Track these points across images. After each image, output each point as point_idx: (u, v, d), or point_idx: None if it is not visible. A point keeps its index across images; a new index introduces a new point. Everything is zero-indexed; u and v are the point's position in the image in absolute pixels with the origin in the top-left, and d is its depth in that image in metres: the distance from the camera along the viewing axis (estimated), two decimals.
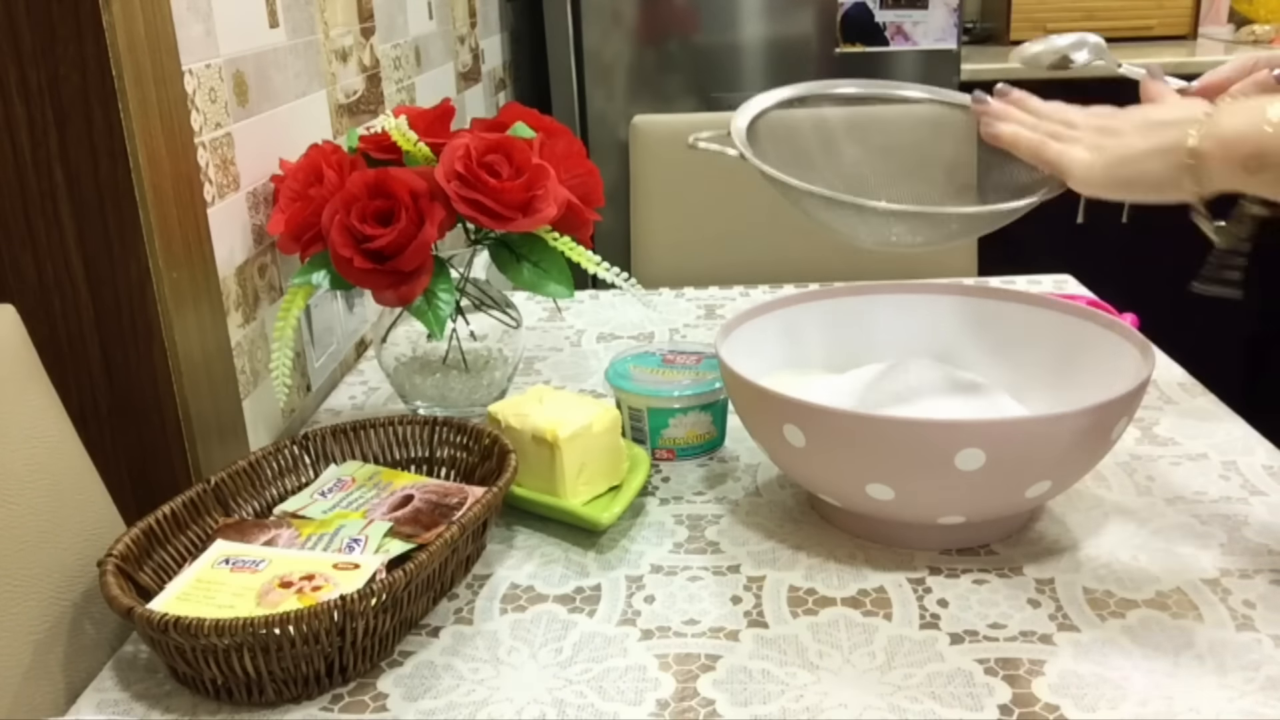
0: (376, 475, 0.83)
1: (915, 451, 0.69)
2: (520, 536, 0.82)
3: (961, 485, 0.70)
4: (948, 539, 0.76)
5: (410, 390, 1.00)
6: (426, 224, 0.85)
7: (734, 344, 0.85)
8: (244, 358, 0.97)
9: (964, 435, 0.67)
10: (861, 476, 0.71)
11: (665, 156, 1.57)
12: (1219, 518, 0.79)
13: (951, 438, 0.67)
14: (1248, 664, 0.63)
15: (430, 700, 0.64)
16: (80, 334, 0.84)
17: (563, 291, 0.91)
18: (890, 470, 0.70)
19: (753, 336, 0.88)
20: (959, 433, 0.67)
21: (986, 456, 0.68)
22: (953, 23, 2.20)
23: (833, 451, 0.72)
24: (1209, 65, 2.76)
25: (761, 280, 1.42)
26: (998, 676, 0.63)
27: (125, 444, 0.87)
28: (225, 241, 0.95)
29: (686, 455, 0.92)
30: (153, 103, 0.82)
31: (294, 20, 1.12)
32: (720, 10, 2.21)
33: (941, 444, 0.68)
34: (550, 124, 0.99)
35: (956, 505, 0.72)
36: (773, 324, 0.91)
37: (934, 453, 0.68)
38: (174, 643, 0.62)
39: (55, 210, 0.81)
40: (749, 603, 0.72)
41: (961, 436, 0.67)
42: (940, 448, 0.68)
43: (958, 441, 0.67)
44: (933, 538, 0.76)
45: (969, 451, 0.67)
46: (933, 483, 0.70)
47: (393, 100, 1.47)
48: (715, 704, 0.62)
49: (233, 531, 0.74)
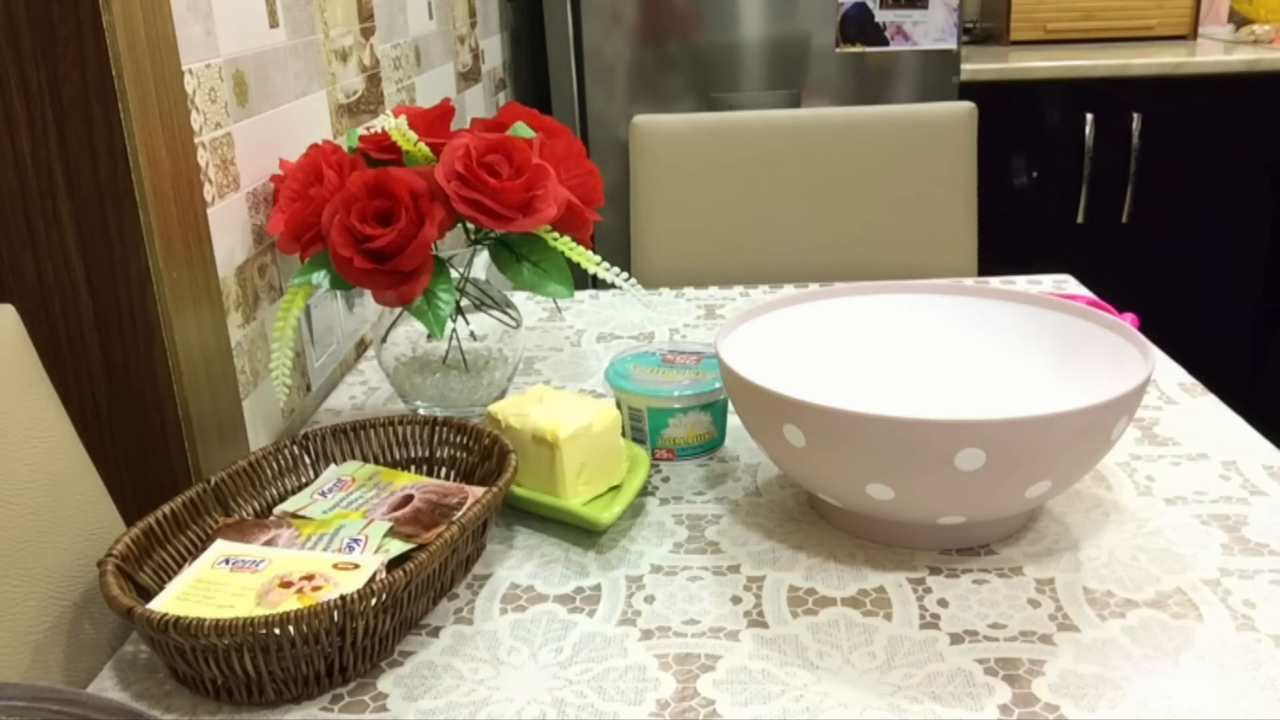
0: (376, 475, 0.83)
1: (915, 451, 0.69)
2: (520, 536, 0.82)
3: (961, 485, 0.70)
4: (948, 539, 0.76)
5: (410, 390, 1.00)
6: (426, 224, 0.85)
7: (734, 344, 0.85)
8: (244, 358, 0.97)
9: (964, 435, 0.67)
10: (861, 476, 0.71)
11: (665, 156, 1.57)
12: (1219, 518, 0.79)
13: (951, 437, 0.67)
14: (1248, 664, 0.63)
15: (430, 700, 0.64)
16: (80, 334, 0.84)
17: (563, 291, 0.91)
18: (890, 470, 0.70)
19: (753, 336, 0.88)
20: (959, 432, 0.67)
21: (986, 456, 0.68)
22: (953, 23, 2.20)
23: (833, 451, 0.72)
24: (1209, 65, 2.75)
25: (761, 280, 1.42)
26: (998, 676, 0.63)
27: (125, 444, 0.87)
28: (225, 241, 0.95)
29: (686, 455, 0.92)
30: (153, 103, 0.82)
31: (294, 20, 1.12)
32: (720, 10, 2.21)
33: (941, 443, 0.68)
34: (550, 124, 0.99)
35: (957, 505, 0.72)
36: (773, 324, 0.91)
37: (934, 452, 0.68)
38: (174, 643, 0.62)
39: (55, 210, 0.81)
40: (749, 603, 0.72)
41: (961, 436, 0.67)
42: (940, 447, 0.68)
43: (958, 441, 0.67)
44: (933, 538, 0.76)
45: (969, 451, 0.67)
46: (933, 482, 0.70)
47: (393, 100, 1.47)
48: (715, 704, 0.62)
49: (233, 531, 0.75)
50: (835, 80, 2.25)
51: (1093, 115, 2.34)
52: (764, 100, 2.24)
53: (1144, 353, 0.77)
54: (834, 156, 1.56)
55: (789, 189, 1.56)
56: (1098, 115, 2.35)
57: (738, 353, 0.84)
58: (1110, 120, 2.36)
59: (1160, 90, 2.35)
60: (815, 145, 1.56)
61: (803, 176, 1.56)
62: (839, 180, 1.56)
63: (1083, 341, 0.85)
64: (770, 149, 1.56)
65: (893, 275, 1.43)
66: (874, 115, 1.56)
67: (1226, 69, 2.35)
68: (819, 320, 0.93)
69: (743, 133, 1.56)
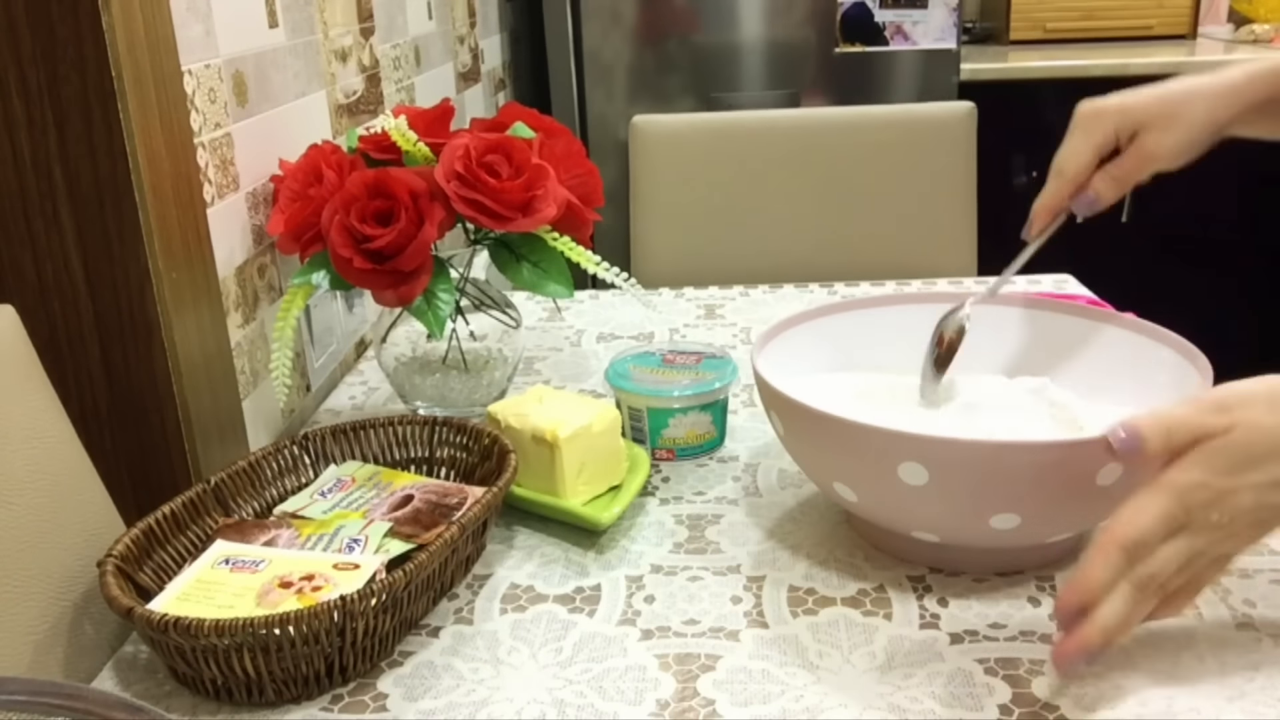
0: (376, 475, 0.83)
1: (860, 457, 0.67)
2: (520, 536, 0.82)
3: (911, 499, 0.67)
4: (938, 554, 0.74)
5: (410, 390, 1.00)
6: (426, 224, 0.85)
7: (773, 349, 0.82)
8: (244, 358, 0.97)
9: (906, 447, 0.65)
10: (829, 474, 0.71)
11: (665, 156, 1.57)
12: None
13: (893, 448, 0.65)
14: (1248, 664, 0.63)
15: (430, 700, 0.64)
16: (80, 334, 0.84)
17: (563, 291, 0.91)
18: (848, 474, 0.69)
19: (785, 343, 0.85)
20: (900, 444, 0.65)
21: (929, 474, 0.65)
22: (952, 23, 2.20)
23: (802, 445, 0.72)
24: (1209, 65, 2.76)
25: (761, 280, 1.42)
26: (998, 676, 0.63)
27: (125, 444, 0.87)
28: (225, 241, 0.95)
29: (686, 455, 0.92)
30: (152, 103, 0.82)
31: (294, 20, 1.12)
32: (720, 10, 2.21)
33: (881, 453, 0.66)
34: (550, 124, 0.99)
35: (919, 521, 0.70)
36: (805, 334, 0.87)
37: (879, 461, 0.66)
38: (174, 643, 0.62)
39: (55, 210, 0.81)
40: (749, 603, 0.72)
41: (903, 448, 0.65)
42: (880, 459, 0.66)
43: (899, 453, 0.65)
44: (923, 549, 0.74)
45: (909, 465, 0.65)
46: (884, 492, 0.68)
47: (392, 100, 1.47)
48: (715, 704, 0.62)
49: (233, 532, 0.74)
50: (835, 80, 2.25)
51: None
52: (764, 100, 2.24)
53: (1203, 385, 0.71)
54: (834, 156, 1.56)
55: (789, 189, 1.56)
56: None
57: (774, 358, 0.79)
58: None
59: None
60: (815, 145, 1.56)
61: (803, 176, 1.56)
62: (839, 180, 1.56)
63: (1152, 363, 0.79)
64: (770, 149, 1.56)
65: (893, 275, 1.43)
66: (874, 115, 1.56)
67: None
68: (854, 330, 0.89)
69: (742, 133, 1.56)
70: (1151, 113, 0.74)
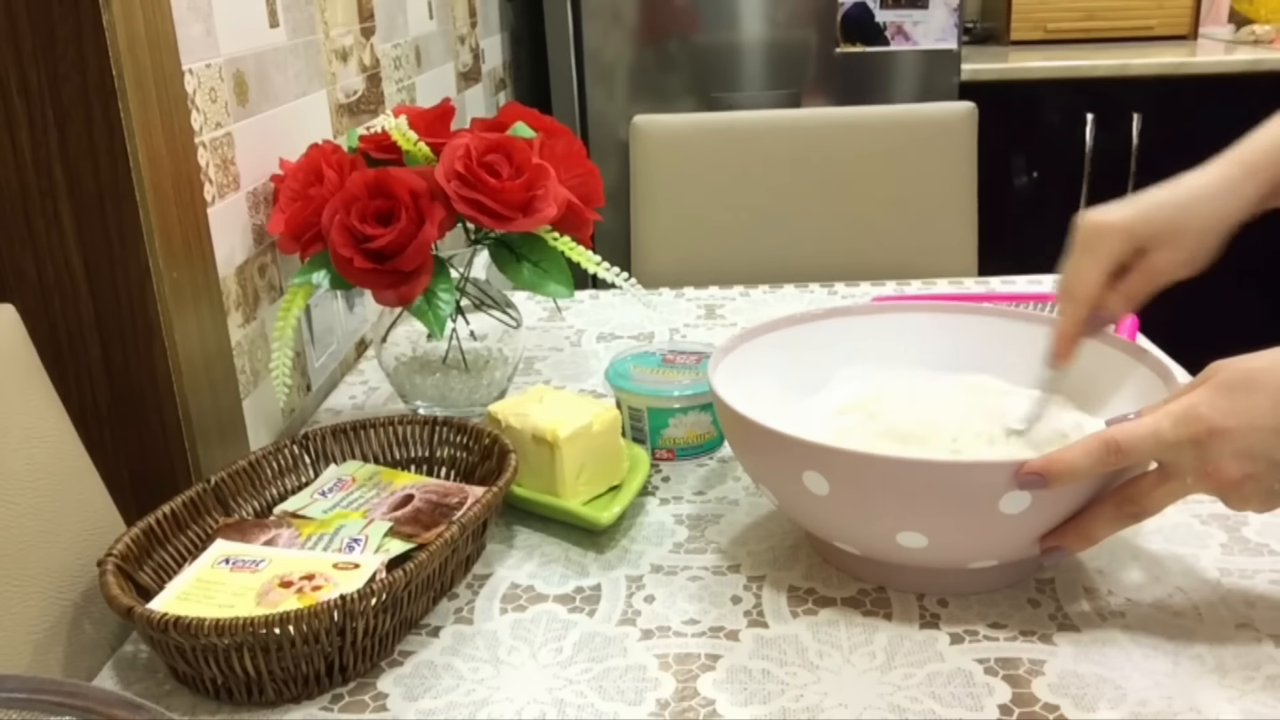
0: (376, 475, 0.83)
1: (767, 461, 0.68)
2: (520, 536, 0.82)
3: (819, 509, 0.67)
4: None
5: (410, 390, 1.00)
6: (426, 224, 0.85)
7: (729, 367, 0.81)
8: (244, 358, 0.97)
9: (806, 456, 0.65)
10: (758, 478, 0.72)
11: (665, 156, 1.57)
12: (1219, 518, 0.79)
13: (795, 457, 0.65)
14: (1248, 664, 0.63)
15: (430, 700, 0.64)
16: (80, 334, 0.84)
17: (563, 291, 0.91)
18: (768, 479, 0.70)
19: (748, 358, 0.83)
20: (801, 452, 0.65)
21: (829, 484, 0.65)
22: (953, 23, 2.20)
23: (749, 458, 0.72)
24: (1209, 65, 2.73)
25: (761, 280, 1.42)
26: (998, 676, 0.63)
27: (125, 444, 0.87)
28: (225, 241, 0.95)
29: (686, 455, 0.92)
30: (153, 103, 0.82)
31: (294, 20, 1.12)
32: (720, 10, 2.21)
33: (786, 461, 0.66)
34: (550, 124, 0.99)
35: (834, 532, 0.69)
36: (771, 344, 0.86)
37: (786, 468, 0.67)
38: (174, 642, 0.62)
39: (55, 210, 0.81)
40: (749, 603, 0.72)
41: (804, 458, 0.65)
42: (786, 466, 0.67)
43: (801, 462, 0.65)
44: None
45: (811, 474, 0.65)
46: (796, 500, 0.68)
47: (393, 100, 1.47)
48: (715, 704, 0.62)
49: (233, 531, 0.75)
50: (835, 80, 2.25)
51: (1093, 115, 2.34)
52: (764, 100, 2.24)
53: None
54: (834, 156, 1.56)
55: (789, 189, 1.56)
56: (1098, 115, 2.35)
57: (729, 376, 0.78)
58: (1110, 120, 2.36)
59: (1160, 90, 2.35)
60: (815, 145, 1.56)
61: (803, 176, 1.56)
62: (839, 180, 1.56)
63: (1123, 375, 0.77)
64: (770, 149, 1.56)
65: (893, 275, 1.43)
66: (874, 115, 1.56)
67: (1227, 69, 2.35)
68: (819, 340, 0.88)
69: (743, 133, 1.56)
70: (1156, 229, 0.72)
